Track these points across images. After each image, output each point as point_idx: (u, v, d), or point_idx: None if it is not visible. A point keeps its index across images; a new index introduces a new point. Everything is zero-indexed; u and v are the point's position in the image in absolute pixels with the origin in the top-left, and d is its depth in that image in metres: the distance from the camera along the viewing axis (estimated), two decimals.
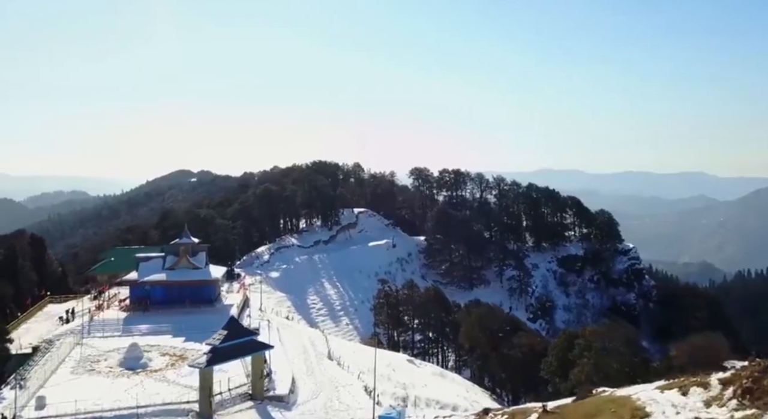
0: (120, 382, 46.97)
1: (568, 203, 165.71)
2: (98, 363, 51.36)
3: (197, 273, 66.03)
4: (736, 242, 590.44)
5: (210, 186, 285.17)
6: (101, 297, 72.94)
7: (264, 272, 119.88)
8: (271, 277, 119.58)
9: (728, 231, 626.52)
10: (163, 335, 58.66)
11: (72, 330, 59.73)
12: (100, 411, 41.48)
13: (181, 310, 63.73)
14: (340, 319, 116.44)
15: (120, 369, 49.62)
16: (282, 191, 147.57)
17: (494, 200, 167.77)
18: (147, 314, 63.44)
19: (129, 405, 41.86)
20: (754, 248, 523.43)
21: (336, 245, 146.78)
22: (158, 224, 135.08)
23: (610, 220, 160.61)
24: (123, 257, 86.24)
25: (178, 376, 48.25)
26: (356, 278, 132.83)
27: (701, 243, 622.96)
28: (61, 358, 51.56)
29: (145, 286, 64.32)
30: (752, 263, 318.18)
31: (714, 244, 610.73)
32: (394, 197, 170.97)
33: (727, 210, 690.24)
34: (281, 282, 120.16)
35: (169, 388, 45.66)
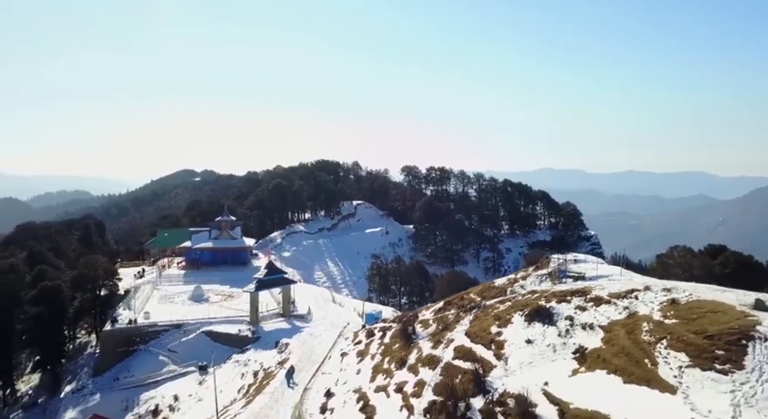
0: (193, 308, 68.08)
1: (538, 197, 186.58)
2: (174, 298, 72.51)
3: (235, 242, 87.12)
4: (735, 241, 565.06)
5: (214, 184, 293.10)
6: (156, 263, 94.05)
7: (277, 252, 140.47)
8: (283, 256, 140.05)
9: (728, 230, 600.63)
10: (213, 284, 79.64)
11: (147, 281, 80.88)
12: (185, 320, 62.66)
13: (223, 268, 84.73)
14: (341, 290, 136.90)
15: (190, 302, 70.71)
16: (291, 186, 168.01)
17: (474, 194, 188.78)
18: (199, 271, 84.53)
19: (204, 317, 63.03)
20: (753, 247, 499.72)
21: (337, 231, 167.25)
22: (186, 213, 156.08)
23: (575, 211, 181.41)
24: (168, 235, 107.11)
25: (231, 305, 69.37)
26: (354, 259, 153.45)
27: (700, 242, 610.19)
28: (147, 295, 72.64)
29: (197, 251, 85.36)
30: None
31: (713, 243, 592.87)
32: (388, 191, 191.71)
33: (726, 209, 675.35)
34: (292, 261, 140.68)
35: (227, 311, 66.75)
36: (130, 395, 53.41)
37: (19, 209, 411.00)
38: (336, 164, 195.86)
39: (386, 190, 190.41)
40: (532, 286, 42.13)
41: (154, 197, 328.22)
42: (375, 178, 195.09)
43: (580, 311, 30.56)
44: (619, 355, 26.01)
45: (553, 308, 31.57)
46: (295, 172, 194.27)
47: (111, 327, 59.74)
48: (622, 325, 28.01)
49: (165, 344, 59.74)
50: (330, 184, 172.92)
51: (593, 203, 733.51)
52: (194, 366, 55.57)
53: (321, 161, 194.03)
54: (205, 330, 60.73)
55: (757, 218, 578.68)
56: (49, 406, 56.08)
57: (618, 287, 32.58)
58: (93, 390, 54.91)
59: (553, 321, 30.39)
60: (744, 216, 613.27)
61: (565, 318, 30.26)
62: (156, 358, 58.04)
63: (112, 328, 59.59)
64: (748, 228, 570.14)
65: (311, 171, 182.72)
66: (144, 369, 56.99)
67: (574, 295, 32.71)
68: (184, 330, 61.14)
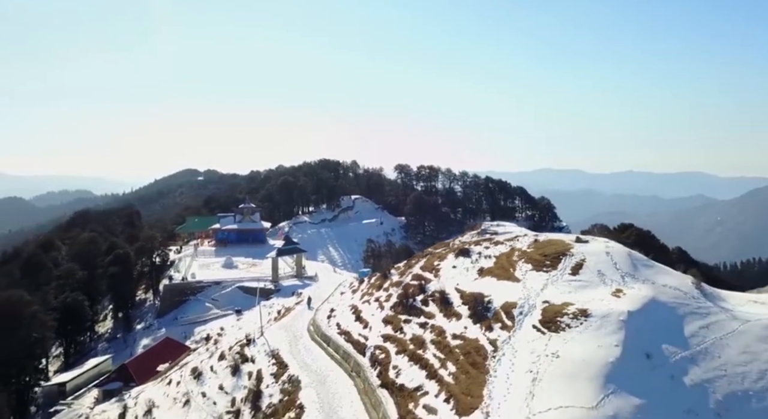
0: (226, 271, 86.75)
1: (517, 192, 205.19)
2: (210, 266, 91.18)
3: (255, 224, 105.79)
4: (732, 241, 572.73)
5: (219, 183, 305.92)
6: (189, 243, 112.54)
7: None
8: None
9: (726, 230, 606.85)
10: (238, 256, 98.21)
11: (186, 254, 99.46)
12: (222, 279, 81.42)
13: (246, 245, 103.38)
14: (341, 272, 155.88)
15: (223, 268, 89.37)
16: (296, 182, 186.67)
17: (460, 189, 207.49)
18: (226, 247, 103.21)
19: (236, 277, 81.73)
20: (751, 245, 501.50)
21: (337, 222, 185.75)
22: (205, 205, 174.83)
23: (549, 204, 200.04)
24: (198, 221, 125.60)
25: (255, 270, 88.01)
26: (352, 246, 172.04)
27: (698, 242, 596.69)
28: (189, 263, 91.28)
29: (225, 232, 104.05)
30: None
31: (711, 242, 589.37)
32: (383, 187, 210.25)
33: (724, 209, 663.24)
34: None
35: (252, 274, 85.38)
36: (187, 329, 71.99)
37: (23, 208, 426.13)
38: (336, 163, 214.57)
39: (381, 186, 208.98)
40: (466, 239, 60.91)
41: (160, 196, 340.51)
42: (371, 175, 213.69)
43: (485, 249, 49.22)
44: (499, 269, 44.72)
45: (470, 248, 50.20)
46: (300, 170, 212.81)
47: (169, 282, 78.45)
48: (505, 255, 46.66)
49: (209, 295, 78.45)
50: (331, 180, 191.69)
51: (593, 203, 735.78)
52: (231, 310, 74.16)
53: (323, 160, 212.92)
54: (238, 285, 79.43)
55: (755, 218, 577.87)
56: (127, 338, 74.69)
57: (510, 236, 51.30)
58: (159, 327, 73.55)
59: (469, 254, 49.03)
60: (742, 216, 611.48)
61: (476, 253, 48.89)
62: (203, 305, 76.73)
63: (170, 283, 78.34)
64: (746, 228, 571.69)
65: (314, 169, 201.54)
66: (194, 312, 75.68)
67: (485, 241, 51.41)
68: (222, 285, 79.82)
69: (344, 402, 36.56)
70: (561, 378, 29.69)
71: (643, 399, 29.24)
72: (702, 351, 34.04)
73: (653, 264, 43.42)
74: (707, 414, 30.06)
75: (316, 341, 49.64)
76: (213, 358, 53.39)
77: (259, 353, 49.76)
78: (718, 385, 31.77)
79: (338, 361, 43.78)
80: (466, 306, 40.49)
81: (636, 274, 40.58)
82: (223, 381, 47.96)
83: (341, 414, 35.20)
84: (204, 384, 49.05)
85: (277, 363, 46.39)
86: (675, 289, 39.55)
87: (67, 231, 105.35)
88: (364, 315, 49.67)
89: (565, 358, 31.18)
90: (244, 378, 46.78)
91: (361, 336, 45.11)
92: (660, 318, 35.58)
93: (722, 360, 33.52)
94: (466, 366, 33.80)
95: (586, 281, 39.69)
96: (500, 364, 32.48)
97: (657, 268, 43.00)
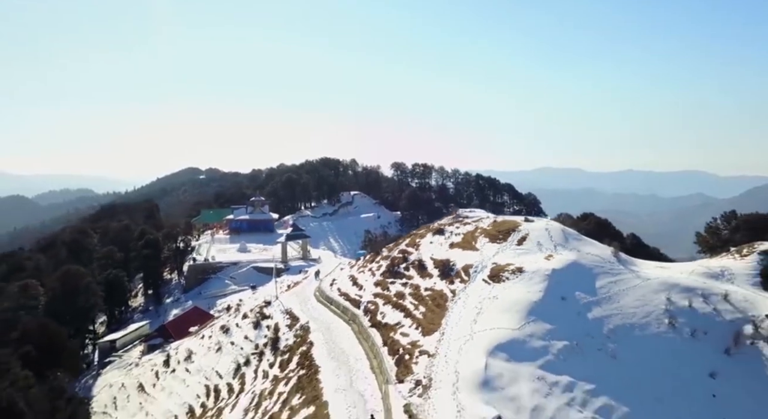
0: (241, 254, 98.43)
1: (505, 188, 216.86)
2: (226, 250, 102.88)
3: (264, 215, 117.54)
4: None
5: (221, 181, 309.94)
6: (206, 232, 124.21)
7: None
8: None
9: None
10: (251, 243, 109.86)
11: (204, 241, 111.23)
12: (239, 260, 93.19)
13: (256, 233, 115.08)
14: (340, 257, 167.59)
15: (238, 252, 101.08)
16: (299, 179, 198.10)
17: (452, 186, 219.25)
18: (239, 235, 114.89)
19: (250, 259, 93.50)
20: None
21: (337, 216, 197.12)
22: (215, 200, 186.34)
23: (535, 199, 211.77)
24: (210, 214, 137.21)
25: (266, 254, 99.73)
26: (351, 237, 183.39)
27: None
28: (208, 248, 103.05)
29: (238, 221, 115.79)
30: None
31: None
32: (380, 183, 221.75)
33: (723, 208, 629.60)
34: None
35: (264, 256, 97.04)
36: (210, 302, 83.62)
37: (26, 206, 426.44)
38: (336, 161, 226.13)
39: (378, 183, 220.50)
40: (444, 222, 72.97)
41: (163, 194, 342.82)
42: (369, 173, 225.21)
43: (456, 229, 61.01)
44: (464, 242, 56.52)
45: (445, 228, 62.01)
46: (303, 167, 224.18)
47: (193, 263, 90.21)
48: (470, 232, 58.44)
49: (227, 274, 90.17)
50: (331, 177, 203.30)
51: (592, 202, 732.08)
52: (247, 286, 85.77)
53: (324, 159, 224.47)
54: (252, 265, 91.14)
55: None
56: (158, 309, 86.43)
57: (477, 218, 63.17)
58: (185, 300, 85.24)
59: (443, 233, 60.81)
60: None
61: (449, 232, 60.68)
62: (223, 282, 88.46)
63: (193, 264, 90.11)
64: None
65: (316, 167, 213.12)
66: (216, 288, 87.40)
67: (457, 223, 63.26)
68: (239, 266, 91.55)
69: (343, 338, 48.24)
70: (497, 312, 41.59)
71: (554, 325, 41.11)
72: (606, 297, 46.04)
73: (582, 238, 55.30)
74: (600, 337, 41.86)
75: (321, 302, 61.37)
76: (237, 318, 65.15)
77: (276, 312, 61.54)
78: (612, 319, 43.72)
79: (339, 314, 55.44)
80: (437, 269, 52.33)
81: (566, 244, 52.49)
82: (247, 333, 59.70)
83: (341, 346, 46.87)
84: (232, 336, 60.78)
85: (290, 318, 58.16)
86: (595, 256, 51.53)
87: (95, 222, 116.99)
88: (359, 281, 61.42)
89: (502, 299, 43.10)
90: (264, 330, 58.51)
91: (356, 296, 56.87)
92: (578, 274, 47.52)
93: (620, 304, 45.53)
94: (432, 307, 45.63)
95: (527, 249, 51.59)
96: (456, 305, 44.33)
97: (585, 241, 54.91)
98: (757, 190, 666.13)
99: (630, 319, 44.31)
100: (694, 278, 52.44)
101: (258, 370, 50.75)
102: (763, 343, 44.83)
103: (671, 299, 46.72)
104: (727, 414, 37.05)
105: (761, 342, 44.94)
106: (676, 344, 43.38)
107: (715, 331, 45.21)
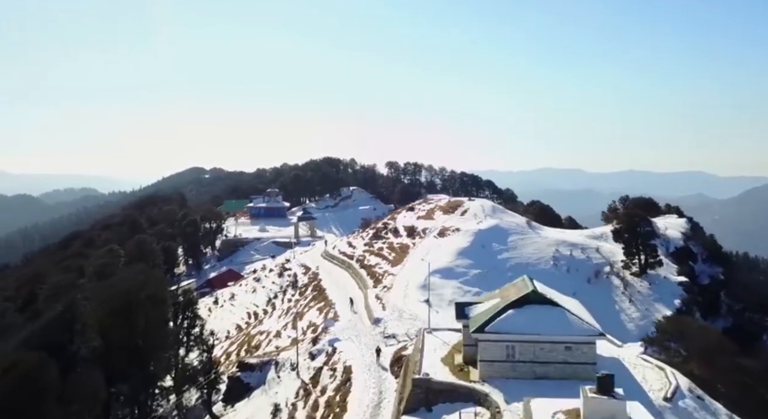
0: (262, 233, 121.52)
1: (486, 184, 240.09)
2: (249, 230, 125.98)
3: (278, 203, 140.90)
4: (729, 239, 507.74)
5: (227, 180, 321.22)
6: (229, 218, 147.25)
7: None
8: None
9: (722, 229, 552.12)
10: (268, 225, 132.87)
11: (230, 224, 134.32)
12: (261, 236, 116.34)
13: (272, 219, 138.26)
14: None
15: (259, 232, 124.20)
16: (305, 176, 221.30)
17: (440, 182, 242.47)
18: (258, 219, 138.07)
19: (270, 236, 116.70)
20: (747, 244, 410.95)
21: (338, 208, 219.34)
22: (231, 194, 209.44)
23: (513, 194, 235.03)
24: (233, 203, 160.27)
25: (281, 233, 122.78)
26: (350, 226, 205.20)
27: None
28: (235, 228, 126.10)
29: (257, 209, 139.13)
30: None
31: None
32: (376, 180, 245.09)
33: (721, 208, 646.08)
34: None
35: (280, 235, 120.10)
36: (240, 267, 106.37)
37: (33, 204, 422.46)
38: (338, 160, 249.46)
39: (374, 179, 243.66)
40: (416, 203, 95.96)
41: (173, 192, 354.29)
42: (366, 170, 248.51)
43: (422, 207, 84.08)
44: (426, 215, 79.53)
45: (415, 207, 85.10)
46: (308, 166, 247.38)
47: (225, 238, 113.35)
48: (431, 209, 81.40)
49: (252, 247, 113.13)
50: (333, 174, 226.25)
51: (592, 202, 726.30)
52: (268, 256, 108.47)
53: (326, 158, 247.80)
54: (271, 241, 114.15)
55: (751, 217, 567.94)
56: (199, 273, 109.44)
57: (438, 200, 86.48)
58: (221, 266, 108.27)
59: (414, 210, 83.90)
60: (739, 215, 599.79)
61: (418, 209, 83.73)
62: (249, 253, 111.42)
63: (225, 239, 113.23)
64: (743, 227, 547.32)
65: (319, 165, 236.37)
66: (243, 257, 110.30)
67: (424, 203, 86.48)
68: (261, 241, 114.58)
69: (341, 277, 71.05)
70: (439, 253, 64.66)
71: (473, 261, 64.10)
72: (513, 247, 69.24)
73: (507, 211, 78.58)
74: (504, 269, 64.65)
75: (326, 259, 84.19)
76: (265, 272, 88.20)
77: (294, 266, 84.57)
78: (514, 260, 66.78)
79: (338, 264, 78.15)
80: (406, 232, 75.42)
81: (493, 215, 75.68)
82: (273, 280, 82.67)
83: (340, 280, 69.66)
84: (262, 283, 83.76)
85: (304, 268, 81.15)
86: (512, 222, 74.79)
87: (142, 209, 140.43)
88: (353, 244, 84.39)
89: (443, 246, 66.21)
90: (286, 277, 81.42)
91: (351, 253, 79.84)
92: (496, 233, 70.70)
93: (522, 251, 68.77)
94: (399, 252, 68.68)
95: (466, 218, 74.80)
96: (415, 250, 67.44)
97: (508, 213, 78.22)
98: (756, 190, 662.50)
99: (527, 260, 67.55)
100: (581, 238, 75.89)
101: (284, 299, 73.79)
102: (614, 277, 68.19)
103: (558, 250, 70.09)
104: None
105: (613, 276, 68.29)
106: (555, 276, 66.25)
107: (584, 269, 68.59)
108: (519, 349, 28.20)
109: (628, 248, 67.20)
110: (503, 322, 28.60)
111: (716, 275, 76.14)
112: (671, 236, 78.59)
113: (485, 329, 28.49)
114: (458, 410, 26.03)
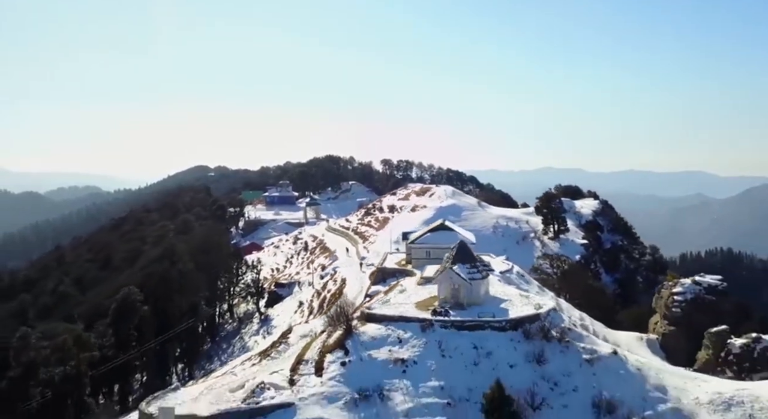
0: (276, 216, 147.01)
1: (469, 179, 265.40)
2: (267, 213, 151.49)
3: (289, 193, 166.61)
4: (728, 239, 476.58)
5: (232, 178, 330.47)
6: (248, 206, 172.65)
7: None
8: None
9: (721, 228, 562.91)
10: (281, 211, 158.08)
11: (249, 210, 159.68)
12: (277, 218, 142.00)
13: (284, 205, 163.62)
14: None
15: (274, 215, 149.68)
16: (309, 172, 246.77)
17: (428, 177, 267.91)
18: (272, 206, 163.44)
19: (283, 218, 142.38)
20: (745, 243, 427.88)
21: (339, 200, 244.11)
22: (245, 187, 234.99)
23: (501, 192, 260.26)
24: (250, 193, 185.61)
25: (292, 216, 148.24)
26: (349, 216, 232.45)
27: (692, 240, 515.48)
28: (255, 212, 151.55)
29: (271, 197, 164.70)
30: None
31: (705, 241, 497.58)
32: (372, 175, 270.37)
33: (720, 208, 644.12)
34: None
35: (292, 218, 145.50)
36: (260, 241, 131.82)
37: (40, 203, 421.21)
38: (338, 158, 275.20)
39: (371, 175, 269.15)
40: (399, 190, 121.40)
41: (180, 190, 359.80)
42: (364, 167, 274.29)
43: (402, 192, 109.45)
44: (404, 197, 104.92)
45: (397, 192, 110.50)
46: (312, 163, 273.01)
47: (247, 219, 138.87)
48: (408, 193, 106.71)
49: (269, 226, 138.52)
50: (334, 170, 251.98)
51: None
52: (283, 233, 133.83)
53: (328, 156, 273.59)
54: (285, 222, 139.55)
55: (750, 217, 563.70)
56: None
57: (415, 187, 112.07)
58: (245, 241, 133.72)
59: (396, 194, 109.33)
60: (737, 215, 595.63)
61: (399, 194, 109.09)
62: (267, 230, 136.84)
63: (248, 219, 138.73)
64: (741, 226, 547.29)
65: (322, 162, 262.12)
66: (263, 234, 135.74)
67: (405, 190, 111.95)
68: (276, 221, 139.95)
69: (342, 242, 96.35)
70: (410, 221, 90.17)
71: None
72: (464, 219, 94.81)
73: (464, 195, 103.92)
74: None
75: (329, 231, 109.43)
76: (282, 240, 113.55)
77: (305, 235, 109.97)
78: (467, 229, 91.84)
79: (339, 234, 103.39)
80: (388, 209, 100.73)
81: (453, 197, 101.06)
82: (289, 246, 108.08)
83: (340, 243, 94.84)
84: (280, 248, 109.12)
85: (313, 238, 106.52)
86: (466, 202, 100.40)
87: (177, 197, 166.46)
88: (350, 220, 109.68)
89: (412, 217, 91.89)
90: (299, 244, 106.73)
91: (348, 225, 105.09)
92: (453, 209, 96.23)
93: (471, 222, 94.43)
94: (382, 222, 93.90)
95: (432, 199, 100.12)
96: (392, 220, 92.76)
97: (466, 197, 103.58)
98: (755, 190, 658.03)
99: (478, 229, 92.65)
100: (517, 214, 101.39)
101: (298, 258, 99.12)
102: (536, 240, 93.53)
103: (498, 222, 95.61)
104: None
105: (535, 239, 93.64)
106: (493, 239, 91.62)
107: (514, 235, 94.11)
108: (431, 253, 53.55)
109: (545, 219, 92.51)
110: (424, 238, 53.99)
111: (616, 241, 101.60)
112: (584, 213, 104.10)
113: (415, 242, 53.86)
114: (398, 278, 51.41)
